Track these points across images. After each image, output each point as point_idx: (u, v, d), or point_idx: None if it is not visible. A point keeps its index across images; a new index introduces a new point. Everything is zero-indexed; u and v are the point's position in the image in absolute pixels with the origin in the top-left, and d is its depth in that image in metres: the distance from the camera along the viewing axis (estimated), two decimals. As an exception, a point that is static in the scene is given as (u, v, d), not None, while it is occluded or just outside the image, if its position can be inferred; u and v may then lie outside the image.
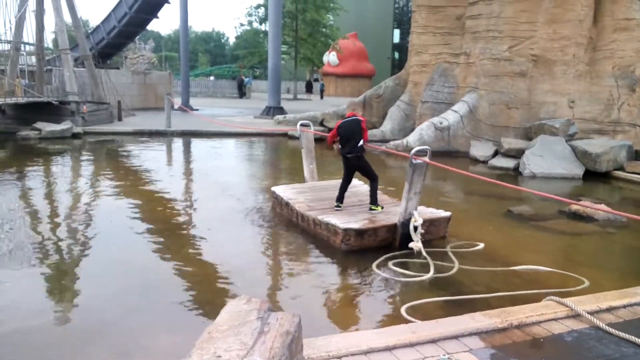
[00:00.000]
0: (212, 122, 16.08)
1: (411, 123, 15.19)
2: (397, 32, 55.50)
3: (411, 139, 12.92)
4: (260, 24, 40.71)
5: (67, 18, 17.43)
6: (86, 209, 6.82)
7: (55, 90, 17.30)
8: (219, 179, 9.15)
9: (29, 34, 16.87)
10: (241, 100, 36.47)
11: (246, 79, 43.64)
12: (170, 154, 13.12)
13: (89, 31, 27.15)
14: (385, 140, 14.29)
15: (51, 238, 5.52)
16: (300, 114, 17.73)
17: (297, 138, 15.00)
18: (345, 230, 5.38)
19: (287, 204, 6.54)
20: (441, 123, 13.17)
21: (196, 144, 14.79)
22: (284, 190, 6.99)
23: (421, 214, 5.59)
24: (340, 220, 5.57)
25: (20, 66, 17.35)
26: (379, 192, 6.45)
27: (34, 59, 18.42)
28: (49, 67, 18.98)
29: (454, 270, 5.00)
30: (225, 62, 79.22)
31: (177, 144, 14.87)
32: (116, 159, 11.22)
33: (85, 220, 6.27)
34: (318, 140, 7.68)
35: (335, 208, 6.13)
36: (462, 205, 8.22)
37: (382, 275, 4.83)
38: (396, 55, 56.33)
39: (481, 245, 5.68)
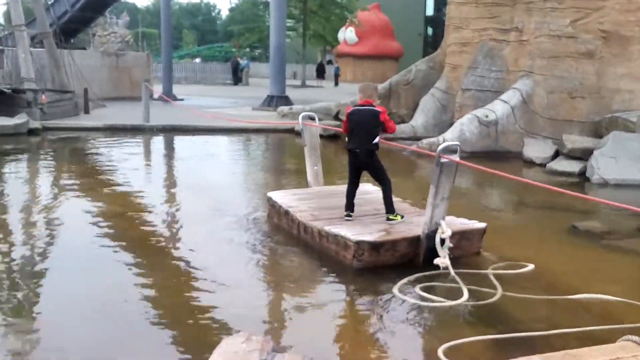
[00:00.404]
0: (200, 116, 16.19)
1: (449, 116, 15.17)
2: (430, 3, 55.44)
3: (449, 136, 12.89)
4: (260, -8, 41.11)
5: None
6: (45, 227, 6.87)
7: (7, 75, 17.52)
8: (207, 186, 9.20)
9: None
10: (236, 88, 36.73)
11: (242, 62, 43.94)
12: (148, 155, 13.22)
13: (49, 3, 27.53)
14: (416, 138, 14.27)
15: None
16: (310, 105, 17.77)
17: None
18: (358, 243, 5.44)
19: (286, 212, 6.59)
20: (487, 116, 13.14)
21: (180, 142, 14.89)
22: (282, 197, 7.06)
23: (450, 225, 5.62)
24: (352, 232, 5.64)
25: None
26: (397, 199, 6.54)
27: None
28: (0, 48, 19.23)
29: (497, 297, 4.95)
30: (216, 41, 79.84)
31: (157, 142, 14.97)
32: (82, 162, 11.33)
33: (43, 241, 6.31)
34: (332, 137, 7.66)
35: (345, 218, 6.18)
36: (510, 218, 8.18)
37: (407, 302, 4.82)
38: (429, 31, 56.28)
39: (531, 267, 5.64)
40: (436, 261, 5.37)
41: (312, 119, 7.67)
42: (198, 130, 15.88)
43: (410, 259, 5.63)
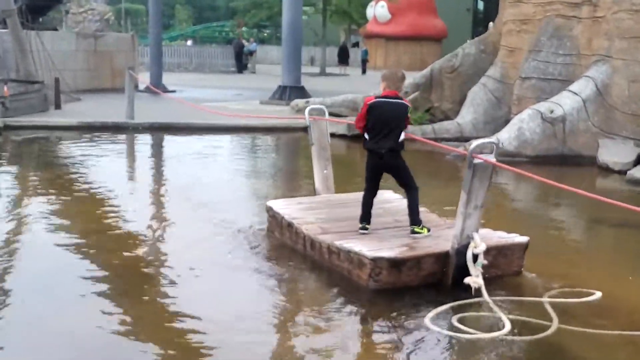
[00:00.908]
0: (196, 110, 16.25)
1: (504, 111, 15.07)
2: (481, -30, 55.37)
3: (505, 135, 12.81)
4: (271, -41, 41.30)
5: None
6: (3, 249, 6.92)
7: (-37, 63, 17.81)
8: (201, 197, 9.21)
9: None
10: (241, 77, 36.93)
11: (250, 45, 44.13)
12: (132, 160, 13.29)
13: (14, -26, 27.91)
14: (463, 139, 14.19)
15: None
16: (331, 98, 17.77)
17: (339, 135, 15.26)
18: (375, 260, 5.52)
19: (289, 225, 6.72)
20: (552, 111, 13.03)
21: (171, 143, 14.96)
22: (285, 207, 7.17)
23: (485, 239, 5.67)
24: (368, 247, 5.73)
25: None
26: (423, 209, 6.63)
27: None
28: (-47, 29, 19.54)
29: (552, 329, 4.92)
30: (216, 19, 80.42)
31: (144, 144, 15.05)
32: (52, 169, 11.40)
33: (1, 268, 6.35)
34: (358, 137, 7.62)
35: (360, 231, 6.29)
36: (578, 238, 8.13)
37: (442, 334, 4.78)
38: (480, 5, 56.15)
39: (597, 295, 5.58)
40: (467, 280, 5.40)
41: (321, 112, 7.89)
42: (193, 129, 15.96)
43: (438, 279, 5.69)
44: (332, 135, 15.12)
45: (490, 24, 25.60)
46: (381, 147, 6.16)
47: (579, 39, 14.25)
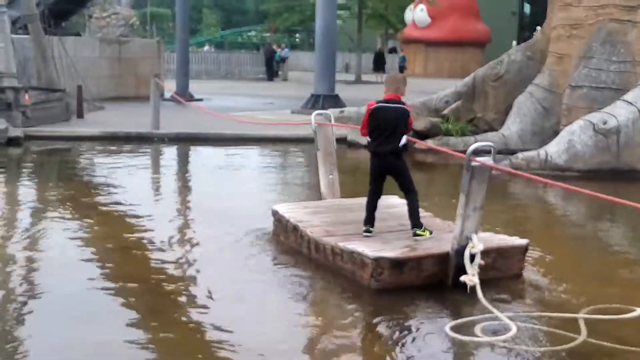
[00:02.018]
0: (223, 120, 16.35)
1: (553, 122, 14.92)
2: (528, -29, 55.05)
3: (553, 148, 12.70)
4: (304, -40, 41.54)
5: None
6: (25, 267, 7.00)
7: (-17, 70, 18.09)
8: (228, 212, 9.20)
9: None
10: (272, 85, 37.10)
11: (282, 51, 44.36)
12: (157, 173, 13.39)
13: (36, -23, 28.42)
14: (509, 151, 14.06)
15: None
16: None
17: (363, 146, 15.21)
18: (377, 260, 5.98)
19: (295, 228, 7.15)
20: (605, 123, 12.88)
21: (197, 155, 15.05)
22: (290, 210, 7.64)
23: (487, 242, 6.18)
24: (370, 248, 6.21)
25: None
26: (427, 214, 7.30)
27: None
28: (-27, 35, 19.90)
29: (578, 341, 5.01)
30: (245, 23, 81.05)
31: (169, 155, 15.17)
32: (73, 181, 11.55)
33: (22, 286, 6.41)
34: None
35: (365, 234, 6.78)
36: (627, 257, 7.99)
37: (463, 341, 4.98)
38: (526, 9, 55.82)
39: (638, 311, 5.57)
40: (462, 278, 5.82)
41: (327, 118, 8.46)
42: (220, 140, 16.02)
43: (439, 280, 6.13)
44: (357, 145, 15.31)
45: (538, 28, 25.48)
46: (383, 149, 6.70)
47: (634, 44, 14.08)
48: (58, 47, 20.38)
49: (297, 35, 68.25)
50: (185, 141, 16.00)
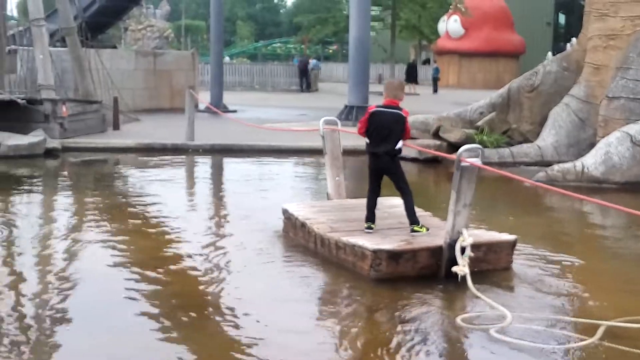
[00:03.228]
0: (258, 131, 16.48)
1: (589, 134, 14.79)
2: (563, -18, 54.67)
3: (590, 160, 12.60)
4: (337, -28, 41.69)
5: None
6: (60, 278, 7.07)
7: (22, 82, 18.41)
8: (264, 225, 9.21)
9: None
10: (305, 96, 37.20)
11: (312, 62, 44.56)
12: (192, 184, 13.49)
13: (74, -9, 28.87)
14: (544, 163, 13.97)
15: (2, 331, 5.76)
16: (401, 119, 17.73)
17: (403, 158, 15.20)
18: (375, 252, 6.62)
19: (302, 225, 7.85)
20: (643, 134, 12.77)
21: (232, 166, 15.13)
22: (299, 209, 8.32)
23: (478, 237, 6.87)
24: (370, 241, 6.84)
25: (-29, 46, 18.64)
26: (427, 213, 8.00)
27: (-9, 34, 19.78)
28: (12, 47, 20.29)
29: (593, 338, 5.13)
30: (278, 35, 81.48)
31: (204, 166, 15.28)
32: (109, 193, 11.65)
33: (57, 297, 6.48)
34: (430, 161, 7.68)
35: (366, 230, 7.40)
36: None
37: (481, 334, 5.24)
38: (561, 19, 55.40)
39: None
40: (454, 269, 6.40)
41: (335, 124, 9.03)
42: (255, 151, 16.12)
43: (433, 272, 6.74)
44: (403, 158, 15.26)
45: (573, 39, 25.29)
46: (379, 150, 7.35)
47: (673, 55, 13.93)
48: (95, 60, 20.66)
49: (331, 46, 68.47)
50: (220, 152, 16.11)
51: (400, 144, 7.35)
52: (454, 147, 15.21)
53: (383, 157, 7.38)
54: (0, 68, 18.70)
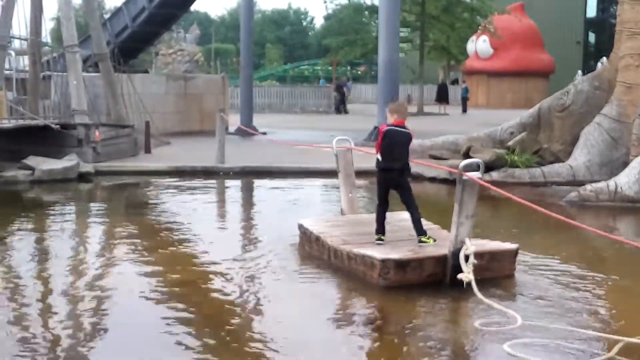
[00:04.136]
0: (288, 153, 16.48)
1: (622, 153, 14.64)
2: (592, 0, 54.36)
3: (623, 179, 12.47)
4: (365, -5, 41.91)
5: (76, -1, 18.96)
6: (93, 297, 7.14)
7: (56, 107, 18.66)
8: (290, 246, 9.23)
9: (19, 24, 18.50)
10: (334, 117, 37.25)
11: (348, 83, 44.72)
12: (223, 207, 13.54)
13: (106, 17, 29.31)
14: (576, 183, 13.84)
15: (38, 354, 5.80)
16: (431, 140, 17.68)
17: (428, 179, 15.15)
18: (384, 261, 7.06)
19: (317, 239, 8.35)
20: (677, 153, 12.61)
21: (263, 189, 15.16)
22: (314, 224, 8.84)
23: (481, 246, 7.32)
24: (379, 252, 7.31)
25: (6, 72, 18.97)
26: (435, 226, 8.47)
27: (26, 60, 20.11)
28: (47, 73, 20.61)
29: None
30: (307, 57, 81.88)
31: (235, 189, 15.37)
32: (141, 216, 11.74)
33: (92, 319, 6.52)
34: (454, 182, 7.72)
35: (377, 242, 7.86)
36: None
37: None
38: (591, 38, 55.06)
39: None
40: (459, 276, 6.77)
41: (347, 144, 9.73)
42: (286, 173, 16.14)
43: (439, 279, 7.14)
44: (433, 179, 15.25)
45: (603, 58, 25.09)
46: (393, 166, 7.84)
47: None
48: (127, 84, 20.92)
49: (359, 67, 68.68)
50: (250, 174, 16.16)
51: (409, 160, 7.94)
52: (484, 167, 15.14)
53: (395, 172, 7.88)
54: (34, 94, 19.04)
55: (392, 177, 7.92)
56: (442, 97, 41.49)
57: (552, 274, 7.85)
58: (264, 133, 24.92)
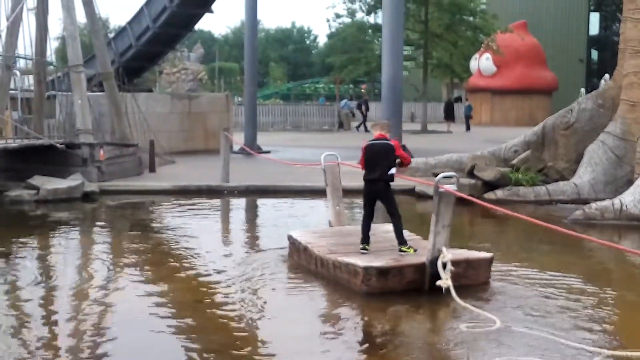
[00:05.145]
0: (292, 172, 16.44)
1: (626, 171, 14.64)
2: (595, 18, 54.61)
3: (629, 198, 12.47)
4: (369, 13, 42.05)
5: (80, 17, 19.07)
6: (98, 319, 7.14)
7: (61, 126, 18.72)
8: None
9: (25, 44, 18.60)
10: (338, 136, 37.31)
11: (344, 102, 44.83)
12: (227, 227, 13.54)
13: (110, 37, 29.45)
14: (581, 201, 13.84)
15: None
16: (435, 158, 17.70)
17: (430, 197, 15.14)
18: (366, 269, 7.55)
19: (305, 249, 8.79)
20: (682, 171, 12.60)
21: (267, 208, 15.17)
22: (302, 235, 9.29)
23: (458, 255, 7.83)
24: (362, 260, 7.82)
25: (12, 91, 19.06)
26: (418, 237, 8.96)
27: (31, 80, 20.20)
28: (52, 93, 20.71)
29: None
30: (310, 75, 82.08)
31: (239, 208, 15.39)
32: (146, 236, 11.73)
33: (96, 340, 6.53)
34: (458, 200, 7.80)
35: (361, 251, 8.33)
36: None
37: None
38: (594, 56, 55.24)
39: None
40: (438, 283, 7.29)
41: (335, 159, 10.32)
42: (290, 192, 16.15)
43: (418, 286, 7.64)
44: (426, 196, 15.22)
45: (606, 75, 25.14)
46: (373, 177, 8.40)
47: None
48: (131, 103, 20.96)
49: (361, 85, 68.84)
50: (255, 193, 16.18)
51: (393, 170, 8.38)
52: (488, 185, 15.13)
53: (378, 183, 8.42)
54: (39, 113, 19.10)
55: (377, 187, 8.45)
56: (449, 114, 41.53)
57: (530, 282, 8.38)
58: (268, 152, 24.94)
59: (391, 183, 8.49)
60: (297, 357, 6.17)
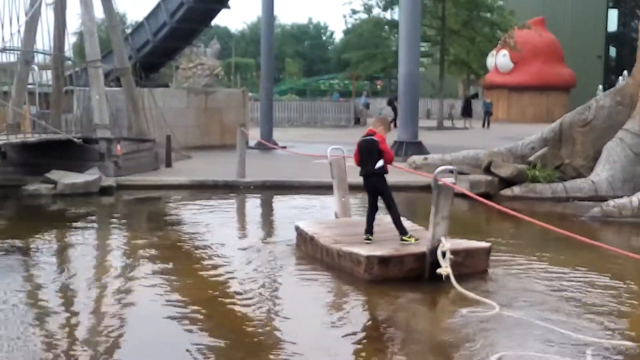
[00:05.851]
0: (308, 167, 16.42)
1: (645, 168, 14.57)
2: (613, 15, 54.24)
3: (646, 196, 12.38)
4: (385, 9, 41.95)
5: (98, 13, 19.14)
6: (113, 314, 7.17)
7: (78, 121, 18.81)
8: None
9: (43, 39, 18.70)
10: (354, 131, 37.17)
11: (361, 99, 44.72)
12: (244, 222, 13.57)
13: (127, 32, 29.57)
14: (598, 198, 13.77)
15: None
16: (451, 155, 17.63)
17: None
18: (368, 257, 7.93)
19: (311, 239, 9.17)
20: (701, 169, 12.53)
21: (283, 203, 15.17)
22: (309, 225, 9.73)
23: (457, 245, 8.19)
24: (365, 249, 8.18)
25: (29, 86, 19.18)
26: (417, 226, 9.37)
27: (49, 75, 20.31)
28: (69, 88, 20.80)
29: None
30: (326, 71, 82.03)
31: (255, 204, 15.42)
32: (162, 231, 11.77)
33: (113, 334, 6.56)
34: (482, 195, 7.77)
35: (365, 241, 8.65)
36: None
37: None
38: (612, 52, 54.88)
39: None
40: (439, 270, 7.63)
41: (340, 152, 10.52)
42: (306, 188, 16.13)
43: (419, 274, 7.97)
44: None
45: (624, 72, 24.99)
46: (361, 172, 8.87)
47: None
48: (148, 99, 21.04)
49: (377, 81, 68.73)
50: (271, 189, 16.18)
51: (380, 163, 8.64)
52: (505, 182, 15.08)
53: (369, 178, 8.79)
54: (57, 108, 19.22)
55: (371, 181, 8.82)
56: (467, 111, 41.37)
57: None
58: (284, 147, 24.96)
59: (385, 175, 8.80)
60: (307, 337, 6.46)
